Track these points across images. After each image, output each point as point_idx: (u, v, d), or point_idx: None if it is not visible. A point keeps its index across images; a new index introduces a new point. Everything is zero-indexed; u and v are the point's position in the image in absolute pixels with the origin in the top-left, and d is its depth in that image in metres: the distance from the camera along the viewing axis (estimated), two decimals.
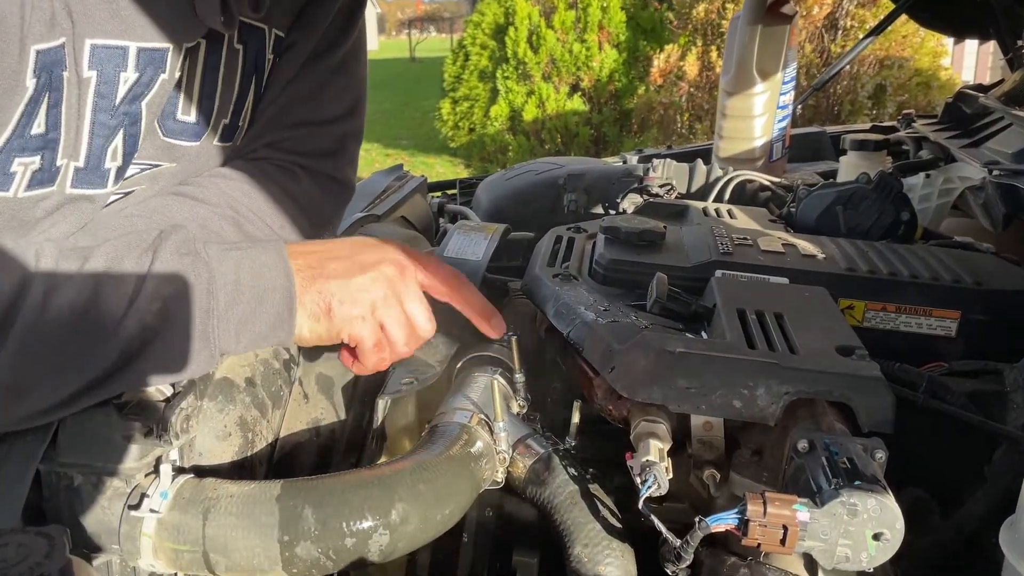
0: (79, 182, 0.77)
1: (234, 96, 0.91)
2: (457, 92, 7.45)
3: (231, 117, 0.92)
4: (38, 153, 0.72)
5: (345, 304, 0.78)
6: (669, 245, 1.11)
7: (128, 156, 0.80)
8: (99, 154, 0.77)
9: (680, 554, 0.69)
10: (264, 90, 0.95)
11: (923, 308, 1.00)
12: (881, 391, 0.75)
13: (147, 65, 0.77)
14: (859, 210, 1.25)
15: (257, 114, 0.96)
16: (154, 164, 0.86)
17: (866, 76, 5.14)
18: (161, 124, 0.85)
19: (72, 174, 0.76)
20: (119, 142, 0.78)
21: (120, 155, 0.79)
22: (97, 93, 0.75)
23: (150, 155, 0.86)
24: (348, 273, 0.79)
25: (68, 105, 0.73)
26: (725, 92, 1.87)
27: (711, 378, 0.77)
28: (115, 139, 0.78)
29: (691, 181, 1.65)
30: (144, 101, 0.78)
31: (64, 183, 0.76)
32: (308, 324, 0.77)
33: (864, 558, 0.64)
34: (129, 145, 0.79)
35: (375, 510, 0.68)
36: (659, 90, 6.05)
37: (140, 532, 0.66)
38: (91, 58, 0.73)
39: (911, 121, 1.88)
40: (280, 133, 0.98)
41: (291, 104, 0.97)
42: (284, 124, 0.98)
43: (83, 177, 0.77)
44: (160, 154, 0.87)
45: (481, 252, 1.12)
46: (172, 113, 0.85)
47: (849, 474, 0.64)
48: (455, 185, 2.10)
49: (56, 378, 0.64)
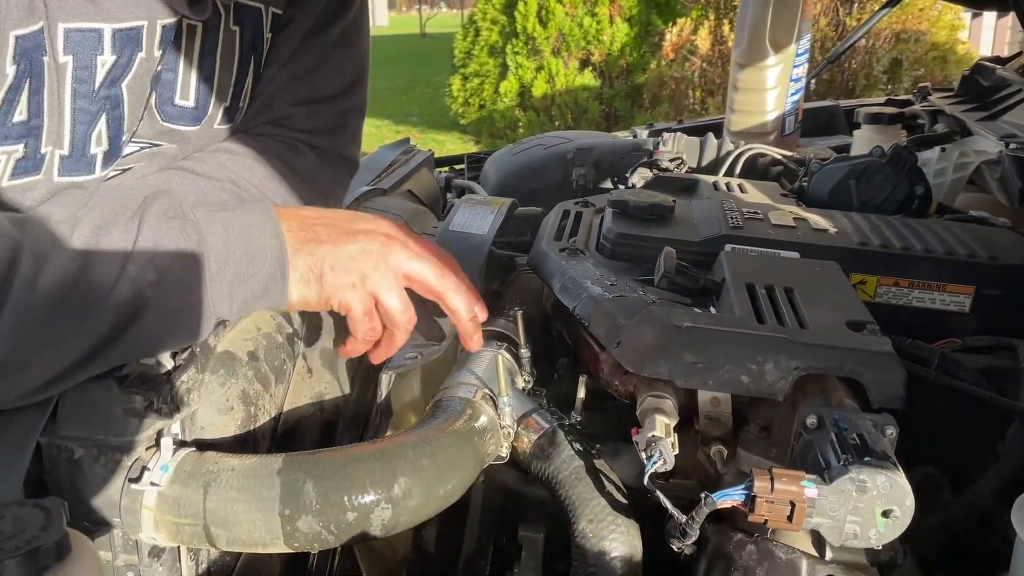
0: (66, 170, 0.76)
1: (233, 78, 0.89)
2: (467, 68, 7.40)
3: (231, 100, 0.90)
4: (21, 141, 0.71)
5: (336, 271, 0.77)
6: (678, 219, 1.10)
7: (115, 140, 0.79)
8: (83, 141, 0.76)
9: (686, 530, 0.68)
10: (264, 68, 0.94)
11: (936, 283, 0.98)
12: (892, 367, 0.74)
13: (123, 46, 0.75)
14: (872, 184, 1.23)
15: (257, 92, 0.95)
16: (153, 143, 0.85)
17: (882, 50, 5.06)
18: (159, 109, 0.84)
19: (58, 162, 0.75)
20: (103, 127, 0.77)
21: (105, 140, 0.78)
22: (75, 79, 0.73)
23: (149, 136, 0.85)
24: (339, 239, 0.78)
25: (50, 92, 0.72)
26: (737, 64, 1.83)
27: (719, 353, 0.76)
28: (98, 124, 0.77)
29: (702, 155, 1.63)
30: (124, 83, 0.77)
31: (51, 172, 0.75)
32: (298, 288, 0.76)
33: (873, 535, 0.63)
34: (114, 129, 0.78)
35: (377, 484, 0.67)
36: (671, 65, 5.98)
37: (141, 505, 0.66)
38: (66, 43, 0.71)
39: (927, 94, 1.85)
40: (281, 110, 0.96)
41: (291, 81, 0.96)
42: (285, 101, 0.96)
43: (69, 165, 0.76)
44: (159, 136, 0.86)
45: (487, 226, 1.10)
46: (170, 98, 0.84)
47: (859, 450, 0.63)
48: (463, 160, 2.09)
49: (52, 351, 0.63)
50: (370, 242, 0.79)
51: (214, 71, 0.86)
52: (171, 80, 0.83)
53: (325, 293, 0.77)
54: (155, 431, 0.69)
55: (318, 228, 0.78)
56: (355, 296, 0.78)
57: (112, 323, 0.65)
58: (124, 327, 0.66)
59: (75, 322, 0.64)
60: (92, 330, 0.64)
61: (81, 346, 0.64)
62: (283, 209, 0.79)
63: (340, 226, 0.80)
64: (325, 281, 0.77)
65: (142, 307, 0.66)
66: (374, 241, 0.80)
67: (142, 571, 0.70)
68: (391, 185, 1.32)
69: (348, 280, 0.77)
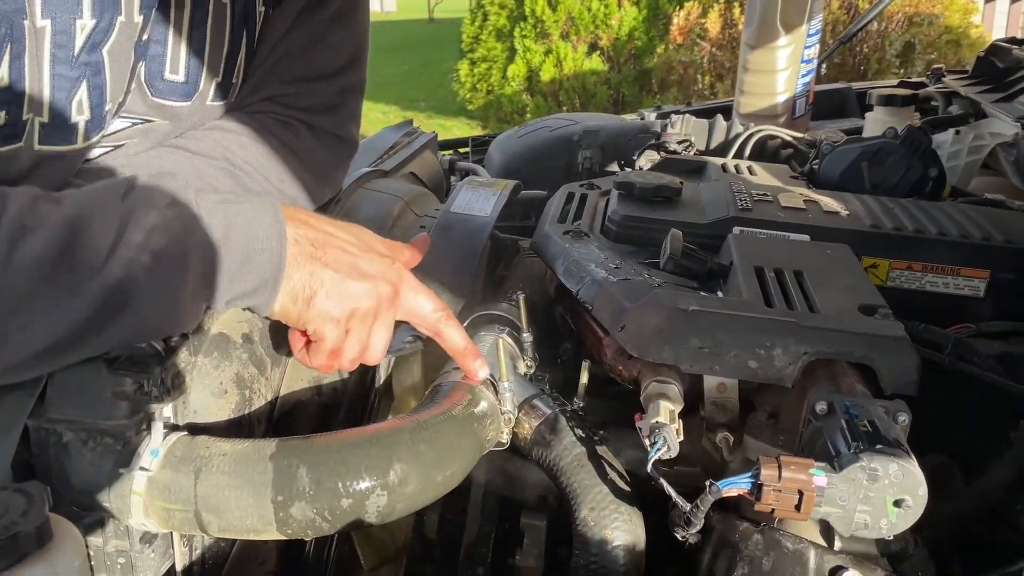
0: (47, 138, 0.74)
1: (224, 53, 0.87)
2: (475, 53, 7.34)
3: (223, 75, 0.88)
4: (3, 107, 0.69)
5: (330, 299, 0.74)
6: (685, 201, 1.07)
7: (97, 109, 0.76)
8: (64, 108, 0.74)
9: (690, 519, 0.66)
10: (258, 44, 0.91)
11: (950, 267, 0.96)
12: (905, 352, 0.72)
13: (103, 10, 0.72)
14: (885, 166, 1.20)
15: (252, 68, 0.92)
16: (144, 119, 0.83)
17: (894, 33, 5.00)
18: (149, 84, 0.82)
19: (39, 130, 0.73)
20: (84, 95, 0.75)
21: (87, 108, 0.75)
22: (54, 43, 0.71)
23: (140, 111, 0.82)
24: (347, 272, 0.75)
25: (30, 57, 0.69)
26: (747, 45, 1.80)
27: (726, 337, 0.74)
28: (78, 91, 0.74)
29: (710, 137, 1.60)
30: (105, 49, 0.74)
31: (31, 139, 0.73)
32: (285, 300, 0.73)
33: (884, 525, 0.61)
34: (96, 97, 0.75)
35: (372, 470, 0.65)
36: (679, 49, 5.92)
37: (130, 490, 0.64)
38: (44, 6, 0.69)
39: (941, 76, 1.82)
40: (277, 88, 0.94)
41: (287, 57, 0.93)
42: (281, 78, 0.94)
43: (50, 133, 0.74)
44: (150, 112, 0.83)
45: (490, 208, 1.08)
46: (160, 72, 0.82)
47: (870, 437, 0.61)
48: (467, 143, 2.06)
49: (26, 332, 0.61)
50: (374, 286, 0.76)
51: (204, 44, 0.84)
52: (160, 53, 0.81)
53: (308, 317, 0.74)
54: (145, 415, 0.67)
55: (328, 249, 0.75)
56: (334, 332, 0.75)
57: (97, 307, 0.62)
58: (110, 313, 0.63)
59: (53, 304, 0.61)
60: (74, 313, 0.62)
61: (61, 328, 0.62)
62: (297, 213, 0.76)
63: (350, 256, 0.76)
64: (314, 305, 0.74)
65: (131, 294, 0.64)
66: (379, 287, 0.77)
67: (133, 557, 0.69)
68: (393, 167, 1.30)
69: (336, 315, 0.75)
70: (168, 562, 0.72)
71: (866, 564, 0.66)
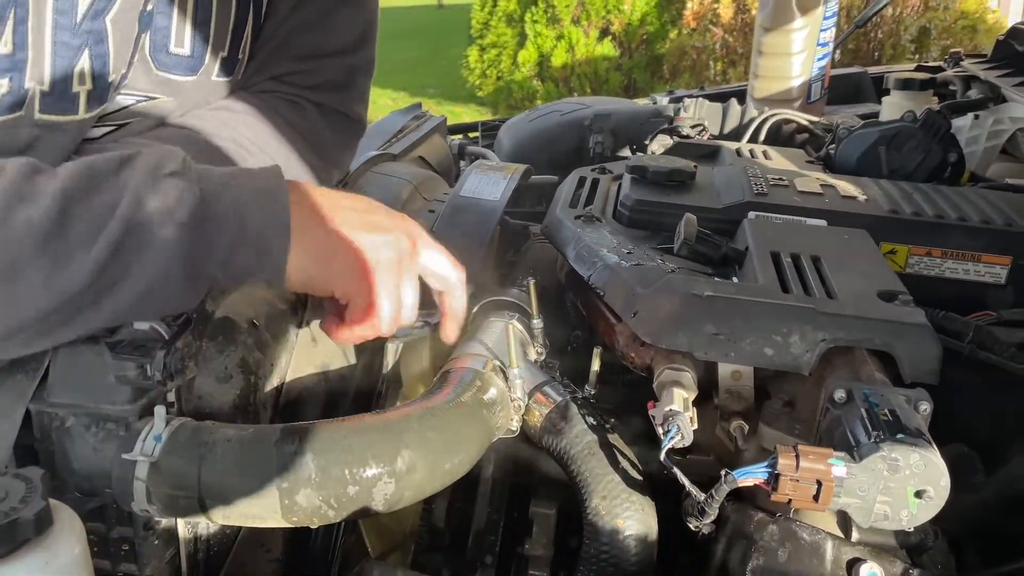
0: (47, 107, 0.72)
1: (230, 26, 0.85)
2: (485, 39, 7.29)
3: (229, 49, 0.86)
4: (7, 75, 0.67)
5: (350, 254, 0.71)
6: (699, 185, 1.05)
7: (100, 80, 0.74)
8: (65, 77, 0.72)
9: (704, 509, 0.65)
10: (266, 19, 0.90)
11: (971, 253, 0.93)
12: (927, 339, 0.70)
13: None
14: (903, 151, 1.17)
15: (259, 45, 0.91)
16: (149, 96, 0.82)
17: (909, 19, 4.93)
18: (154, 58, 0.80)
19: (39, 99, 0.71)
20: (86, 64, 0.73)
21: (89, 78, 0.74)
22: (56, 10, 0.69)
23: (144, 87, 0.81)
24: (361, 225, 0.72)
25: (33, 23, 0.68)
26: (762, 28, 1.77)
27: (741, 324, 0.72)
28: (80, 60, 0.72)
29: (724, 122, 1.58)
30: (108, 17, 0.72)
31: (32, 109, 0.71)
32: (302, 263, 0.69)
33: (905, 517, 0.59)
34: (98, 67, 0.74)
35: (380, 457, 0.64)
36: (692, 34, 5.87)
37: (133, 476, 0.63)
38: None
39: (959, 60, 1.78)
40: (285, 65, 0.92)
41: (295, 34, 0.91)
42: (289, 56, 0.92)
43: (50, 102, 0.72)
44: (155, 87, 0.82)
45: (499, 192, 1.07)
46: (164, 45, 0.80)
47: (891, 427, 0.59)
48: (477, 127, 2.04)
49: (16, 303, 0.59)
50: (391, 237, 0.73)
51: (210, 17, 0.82)
52: (165, 26, 0.79)
53: (331, 277, 0.71)
54: (148, 400, 0.65)
55: (337, 211, 0.72)
56: (362, 286, 0.72)
57: (88, 283, 0.60)
58: (103, 287, 0.61)
59: (48, 274, 0.59)
60: (65, 285, 0.60)
61: (51, 300, 0.59)
62: (300, 183, 0.72)
63: (361, 214, 0.73)
64: (334, 262, 0.70)
65: (124, 268, 0.61)
66: (398, 241, 0.74)
67: (137, 544, 0.68)
68: (402, 150, 1.28)
69: (360, 268, 0.71)
70: (172, 549, 0.70)
71: (884, 556, 0.65)
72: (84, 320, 0.62)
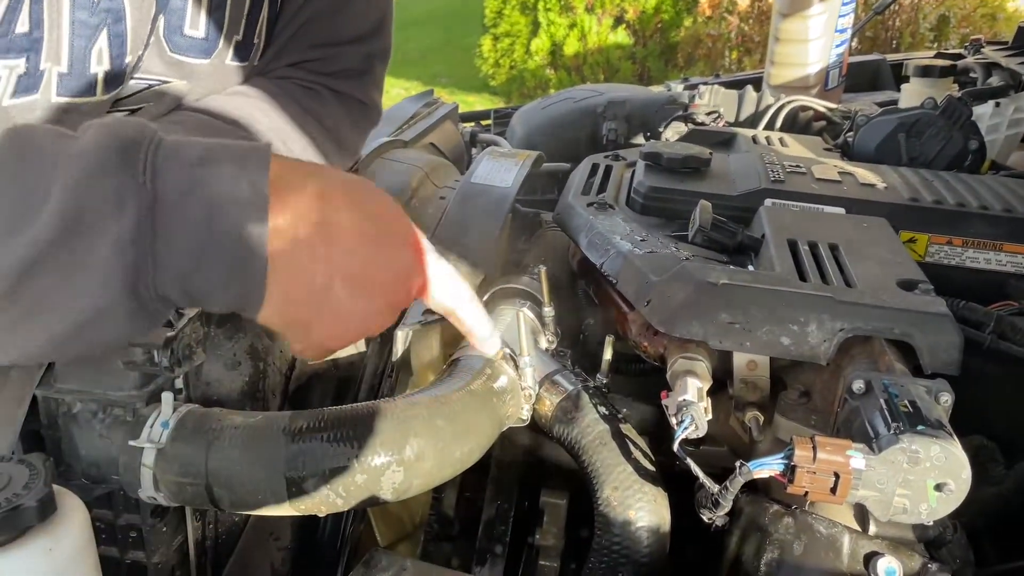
0: (64, 89, 0.71)
1: (245, 10, 0.84)
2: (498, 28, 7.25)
3: (244, 33, 0.85)
4: (23, 55, 0.66)
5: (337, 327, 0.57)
6: (714, 172, 1.04)
7: (117, 60, 0.73)
8: (83, 57, 0.71)
9: (718, 500, 0.63)
10: (283, 6, 0.89)
11: (993, 242, 0.92)
12: (947, 329, 0.68)
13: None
14: (923, 138, 1.15)
15: (276, 32, 0.90)
16: (162, 80, 0.81)
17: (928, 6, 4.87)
18: (168, 39, 0.79)
19: (56, 80, 0.70)
20: (104, 44, 0.72)
21: (107, 58, 0.73)
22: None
23: (158, 70, 0.80)
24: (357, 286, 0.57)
25: (49, 2, 0.67)
26: (779, 14, 1.75)
27: (757, 312, 0.70)
28: (98, 39, 0.71)
29: (740, 109, 1.56)
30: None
31: (49, 91, 0.70)
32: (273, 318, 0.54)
33: (924, 510, 0.58)
34: (116, 47, 0.73)
35: (388, 445, 0.63)
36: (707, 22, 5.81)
37: (140, 463, 0.62)
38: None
39: (979, 47, 1.75)
40: (302, 53, 0.92)
41: (313, 21, 0.91)
42: (306, 43, 0.91)
43: (68, 84, 0.71)
44: (169, 70, 0.81)
45: (511, 179, 1.05)
46: (179, 27, 0.79)
47: (911, 418, 0.58)
48: (489, 115, 2.02)
49: None
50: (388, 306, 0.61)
51: (225, 0, 0.81)
52: (180, 7, 0.78)
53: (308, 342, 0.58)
54: (156, 386, 0.65)
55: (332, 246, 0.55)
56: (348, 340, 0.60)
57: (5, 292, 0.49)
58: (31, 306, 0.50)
59: None
60: None
61: None
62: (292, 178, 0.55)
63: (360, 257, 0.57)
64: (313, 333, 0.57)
65: (53, 286, 0.49)
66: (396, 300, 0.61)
67: (145, 532, 0.67)
68: (413, 137, 1.27)
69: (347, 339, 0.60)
70: (180, 536, 0.70)
71: (902, 550, 0.64)
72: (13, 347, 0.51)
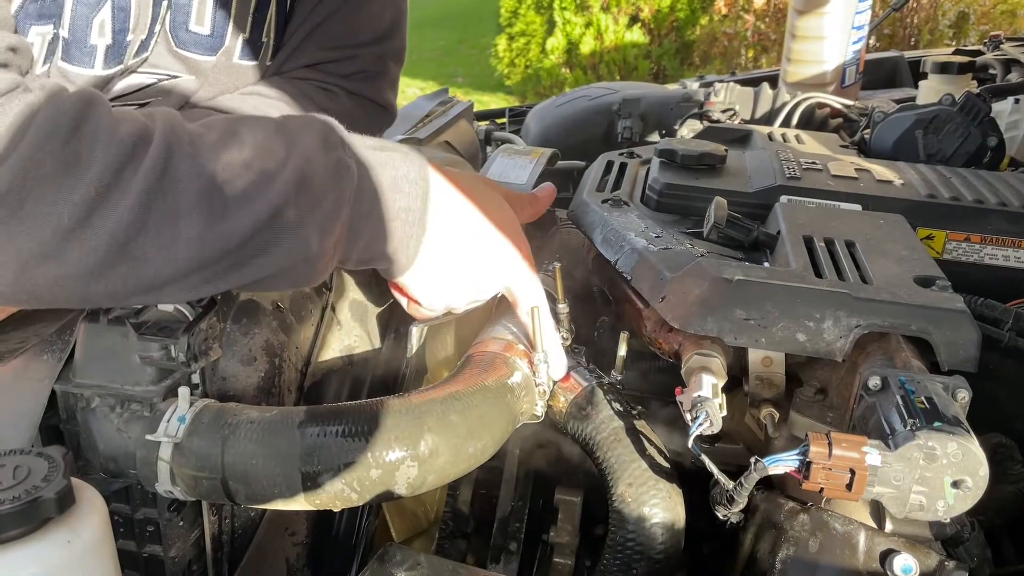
0: (66, 55, 0.71)
1: (252, 6, 0.84)
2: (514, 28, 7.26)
3: (250, 31, 0.86)
4: (51, 20, 0.67)
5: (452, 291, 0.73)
6: (730, 169, 1.03)
7: (119, 35, 0.74)
8: (84, 26, 0.71)
9: (733, 497, 0.63)
10: (297, 7, 0.89)
11: (1011, 239, 0.91)
12: (965, 326, 0.68)
13: None
14: (941, 135, 1.14)
15: (290, 34, 0.91)
16: (171, 75, 0.81)
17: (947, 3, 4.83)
18: (173, 34, 0.80)
19: (60, 46, 0.71)
20: (107, 16, 0.72)
21: (109, 31, 0.73)
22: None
23: (167, 64, 0.81)
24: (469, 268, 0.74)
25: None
26: (795, 11, 1.73)
27: (773, 308, 0.70)
28: (102, 10, 0.71)
29: (756, 106, 1.55)
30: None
31: (55, 56, 0.71)
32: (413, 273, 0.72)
33: (941, 507, 0.57)
34: (119, 22, 0.73)
35: (403, 441, 0.63)
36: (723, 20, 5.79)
37: (157, 457, 0.63)
38: None
39: (999, 43, 1.74)
40: (318, 54, 0.93)
41: (327, 23, 0.91)
42: (321, 44, 0.92)
43: (69, 50, 0.71)
44: (176, 65, 0.81)
45: (526, 176, 1.05)
46: (184, 23, 0.80)
47: (928, 415, 0.57)
48: (504, 114, 2.02)
49: (172, 249, 0.57)
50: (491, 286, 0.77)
51: None
52: (186, 3, 0.79)
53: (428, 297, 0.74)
54: (173, 381, 0.66)
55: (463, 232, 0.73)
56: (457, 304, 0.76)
57: (239, 242, 0.59)
58: (253, 251, 0.60)
59: (201, 228, 0.57)
60: (217, 243, 0.58)
61: (201, 255, 0.58)
62: (442, 174, 0.73)
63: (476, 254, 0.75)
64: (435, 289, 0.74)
65: (278, 236, 0.60)
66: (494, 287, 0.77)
67: (162, 525, 0.68)
68: (428, 135, 1.27)
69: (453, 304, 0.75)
70: (197, 531, 0.71)
71: (919, 548, 0.63)
72: (224, 278, 0.61)
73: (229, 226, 0.58)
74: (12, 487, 0.47)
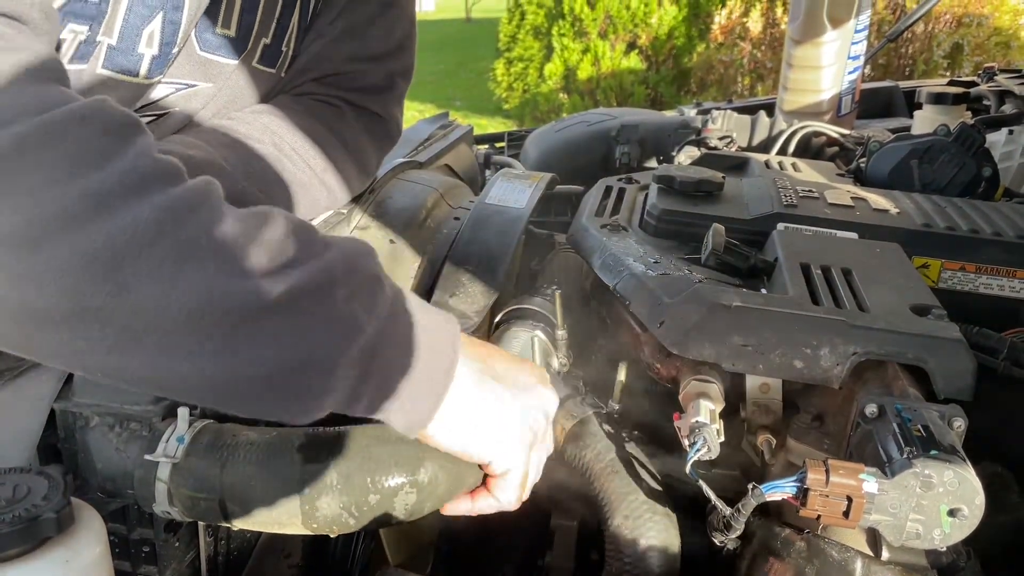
0: (110, 62, 0.72)
1: (276, 13, 0.86)
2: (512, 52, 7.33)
3: (272, 38, 0.87)
4: (88, 22, 0.67)
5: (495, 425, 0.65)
6: (727, 196, 1.04)
7: (166, 47, 0.75)
8: (134, 35, 0.72)
9: (730, 523, 0.63)
10: (312, 21, 0.91)
11: (1006, 268, 0.91)
12: (961, 354, 0.68)
13: None
14: (936, 164, 1.15)
15: (304, 47, 0.92)
16: (189, 84, 0.82)
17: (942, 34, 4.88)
18: (199, 37, 0.80)
19: (105, 52, 0.71)
20: (157, 27, 0.73)
21: (156, 43, 0.74)
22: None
23: (185, 72, 0.81)
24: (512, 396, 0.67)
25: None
26: (792, 40, 1.76)
27: (770, 335, 0.71)
28: (153, 22, 0.72)
29: (753, 134, 1.57)
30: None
31: (96, 62, 0.71)
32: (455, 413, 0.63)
33: (937, 535, 0.57)
34: (168, 34, 0.74)
35: (402, 467, 0.64)
36: (720, 48, 5.85)
37: (155, 477, 0.63)
38: None
39: (993, 75, 1.76)
40: (328, 67, 0.94)
41: (340, 38, 0.93)
42: (332, 59, 0.93)
43: (114, 57, 0.72)
44: (196, 71, 0.82)
45: (525, 200, 1.06)
46: (210, 25, 0.81)
47: (924, 443, 0.58)
48: (503, 138, 2.04)
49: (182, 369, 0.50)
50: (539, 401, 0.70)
51: (258, 3, 0.82)
52: (214, 6, 0.79)
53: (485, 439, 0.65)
54: (172, 401, 0.66)
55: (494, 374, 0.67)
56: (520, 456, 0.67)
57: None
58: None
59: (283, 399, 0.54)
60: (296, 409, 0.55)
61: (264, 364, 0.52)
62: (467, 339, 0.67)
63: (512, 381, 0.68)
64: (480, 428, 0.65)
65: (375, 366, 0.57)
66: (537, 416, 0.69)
67: (158, 546, 0.68)
68: (428, 158, 1.28)
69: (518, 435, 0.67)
70: (192, 552, 0.70)
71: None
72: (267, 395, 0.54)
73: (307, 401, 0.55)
74: (12, 506, 0.47)
